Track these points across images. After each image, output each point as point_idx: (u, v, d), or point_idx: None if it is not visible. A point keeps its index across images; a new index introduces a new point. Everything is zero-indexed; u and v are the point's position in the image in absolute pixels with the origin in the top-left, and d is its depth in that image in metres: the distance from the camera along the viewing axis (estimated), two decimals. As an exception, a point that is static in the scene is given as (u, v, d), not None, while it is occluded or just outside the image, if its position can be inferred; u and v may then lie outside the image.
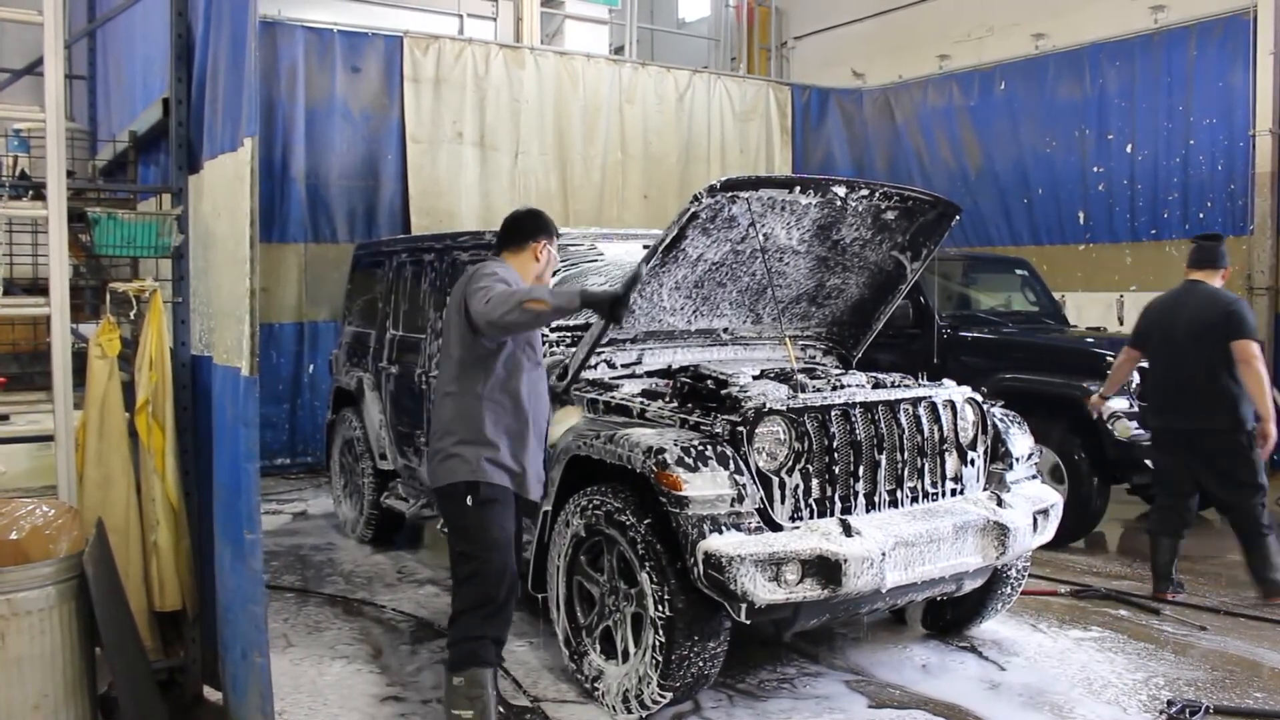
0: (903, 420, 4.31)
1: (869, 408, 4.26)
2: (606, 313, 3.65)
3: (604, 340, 4.72)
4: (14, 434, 4.00)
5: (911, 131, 12.02)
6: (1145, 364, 6.75)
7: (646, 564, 3.90)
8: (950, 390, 4.58)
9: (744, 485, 3.89)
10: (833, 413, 4.16)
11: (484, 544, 3.65)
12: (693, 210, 4.23)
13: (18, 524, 3.40)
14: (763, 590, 3.67)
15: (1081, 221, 10.36)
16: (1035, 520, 4.44)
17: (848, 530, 3.89)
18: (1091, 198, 10.24)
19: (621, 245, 5.57)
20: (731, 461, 3.91)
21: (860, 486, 4.18)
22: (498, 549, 3.67)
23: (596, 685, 4.19)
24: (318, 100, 9.38)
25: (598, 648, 4.25)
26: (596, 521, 4.14)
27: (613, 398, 4.52)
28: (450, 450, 3.67)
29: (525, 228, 3.95)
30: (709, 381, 4.38)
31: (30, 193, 4.53)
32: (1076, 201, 10.37)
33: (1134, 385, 6.69)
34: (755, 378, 4.48)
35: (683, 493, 3.78)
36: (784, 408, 4.06)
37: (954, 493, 4.44)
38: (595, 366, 4.80)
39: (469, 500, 3.65)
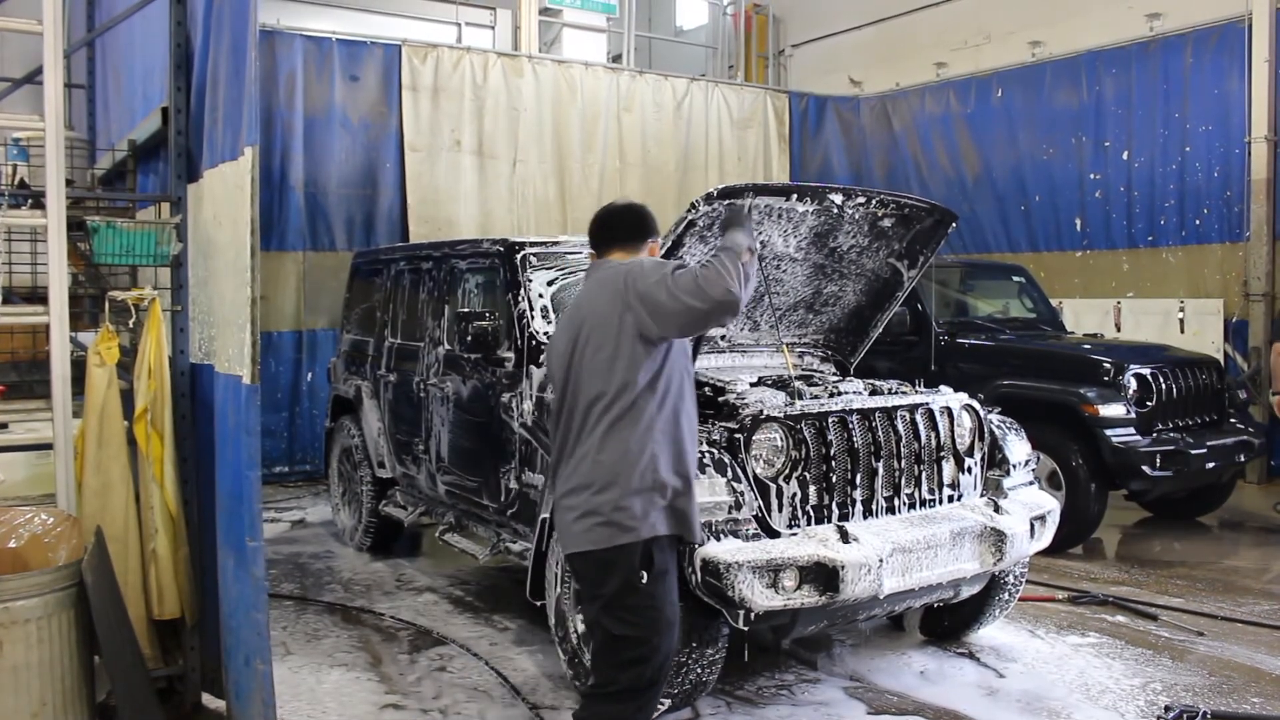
0: (900, 427, 4.32)
1: (866, 415, 4.27)
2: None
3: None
4: (13, 442, 4.01)
5: (909, 139, 12.05)
6: (1145, 372, 6.80)
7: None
8: (947, 397, 4.59)
9: (741, 492, 3.89)
10: (830, 420, 4.17)
11: (655, 626, 2.97)
12: (690, 218, 4.24)
13: (16, 532, 3.42)
14: (760, 597, 3.68)
15: (1079, 228, 10.39)
16: (1032, 526, 4.44)
17: (845, 537, 3.90)
18: (1088, 205, 10.27)
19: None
20: (729, 468, 3.92)
21: (858, 493, 4.19)
22: (670, 631, 3.03)
23: (595, 692, 4.19)
24: (316, 109, 9.41)
25: (596, 655, 4.24)
26: (595, 528, 4.14)
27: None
28: (617, 504, 2.95)
29: (645, 222, 3.30)
30: (706, 388, 4.39)
31: (29, 201, 4.55)
32: (1074, 208, 10.40)
33: (1131, 392, 6.72)
34: (752, 385, 4.49)
35: (680, 500, 3.78)
36: (781, 415, 4.07)
37: (951, 499, 4.45)
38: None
39: (644, 575, 2.97)
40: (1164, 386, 6.86)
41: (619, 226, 3.28)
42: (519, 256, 5.29)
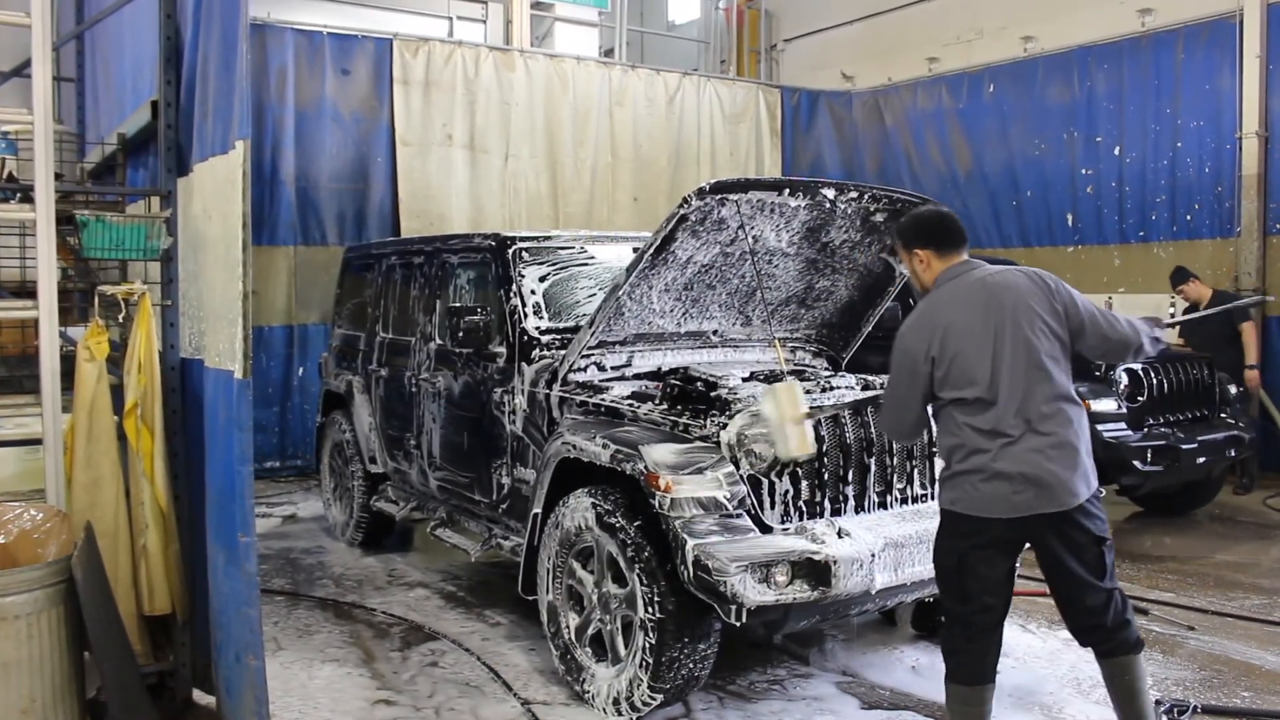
0: (892, 422, 4.32)
1: (858, 409, 4.27)
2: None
3: (594, 344, 4.73)
4: (2, 438, 3.99)
5: (901, 134, 12.06)
6: (1136, 367, 6.81)
7: (636, 566, 3.90)
8: (939, 392, 4.58)
9: (734, 487, 3.89)
10: (822, 415, 4.17)
11: None
12: (682, 213, 4.24)
13: (5, 528, 3.40)
14: (753, 592, 3.68)
15: (1070, 224, 10.41)
16: (1024, 521, 4.45)
17: (837, 532, 3.91)
18: (1080, 200, 10.28)
19: (612, 248, 5.57)
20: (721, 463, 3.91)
21: (850, 488, 4.20)
22: None
23: (587, 688, 4.19)
24: (307, 103, 9.36)
25: (588, 650, 4.25)
26: (586, 524, 4.15)
27: (602, 400, 4.52)
28: (1089, 456, 3.45)
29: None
30: (699, 384, 4.38)
31: (18, 196, 4.52)
32: (1065, 204, 10.42)
33: (1123, 387, 6.74)
34: (745, 380, 4.49)
35: (672, 494, 3.79)
36: (774, 410, 4.06)
37: (943, 494, 4.45)
38: (585, 369, 4.80)
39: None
40: (1155, 381, 6.88)
41: (959, 230, 3.63)
42: (511, 251, 5.28)
